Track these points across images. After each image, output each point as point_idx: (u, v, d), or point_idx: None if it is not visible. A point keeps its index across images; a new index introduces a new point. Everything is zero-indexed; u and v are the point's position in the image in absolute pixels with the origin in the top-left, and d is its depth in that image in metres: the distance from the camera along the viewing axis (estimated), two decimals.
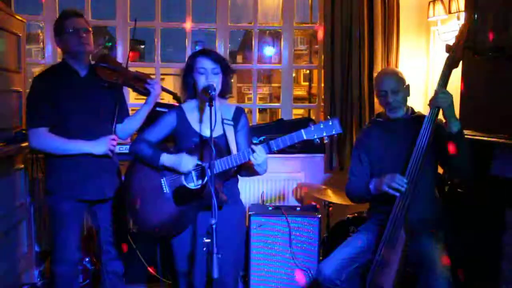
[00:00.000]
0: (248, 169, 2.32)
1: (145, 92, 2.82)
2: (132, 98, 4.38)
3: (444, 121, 2.40)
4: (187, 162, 2.29)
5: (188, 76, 2.41)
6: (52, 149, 2.57)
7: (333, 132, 2.13)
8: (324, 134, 2.13)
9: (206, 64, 2.34)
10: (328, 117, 2.13)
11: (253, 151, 2.16)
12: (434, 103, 2.38)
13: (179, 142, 2.45)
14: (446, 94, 2.36)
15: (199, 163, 2.31)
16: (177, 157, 2.31)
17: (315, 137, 2.13)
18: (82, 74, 2.66)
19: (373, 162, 2.69)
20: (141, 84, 2.81)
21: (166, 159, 2.32)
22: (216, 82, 2.34)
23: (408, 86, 2.65)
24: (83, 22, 2.63)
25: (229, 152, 2.31)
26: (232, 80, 2.54)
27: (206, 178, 2.27)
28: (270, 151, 2.19)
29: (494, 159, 2.48)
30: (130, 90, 3.00)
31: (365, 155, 2.72)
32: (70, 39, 2.59)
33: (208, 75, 2.33)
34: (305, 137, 2.14)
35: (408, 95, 2.66)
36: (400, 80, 2.62)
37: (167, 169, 2.34)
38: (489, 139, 2.54)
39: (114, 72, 2.72)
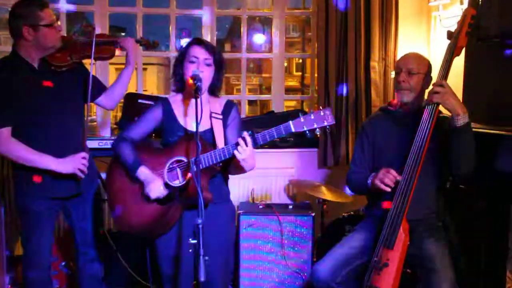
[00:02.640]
0: (235, 166, 2.30)
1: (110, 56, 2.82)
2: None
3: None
4: (154, 188, 2.30)
5: (178, 66, 2.41)
6: (14, 156, 2.48)
7: (325, 124, 2.09)
8: (315, 125, 2.10)
9: (198, 52, 2.34)
10: (320, 107, 2.10)
11: (237, 145, 2.15)
12: (430, 98, 2.38)
13: (164, 136, 2.45)
14: (442, 88, 2.35)
15: (182, 159, 2.30)
16: (150, 177, 2.32)
17: (305, 129, 2.10)
18: (35, 66, 2.59)
19: (375, 152, 2.70)
20: (109, 50, 2.79)
21: (142, 174, 2.34)
22: (207, 75, 2.34)
23: (430, 78, 2.62)
24: (52, 12, 2.59)
25: (215, 147, 2.31)
26: None
27: (189, 175, 2.26)
28: (255, 145, 2.16)
29: (499, 153, 2.49)
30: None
31: (368, 144, 2.73)
32: (48, 34, 2.53)
33: (199, 65, 2.32)
34: (293, 130, 2.10)
35: (426, 87, 2.62)
36: (420, 63, 2.59)
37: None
38: (494, 131, 2.54)
39: (66, 52, 2.65)
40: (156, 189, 2.29)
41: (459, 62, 2.72)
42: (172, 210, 2.33)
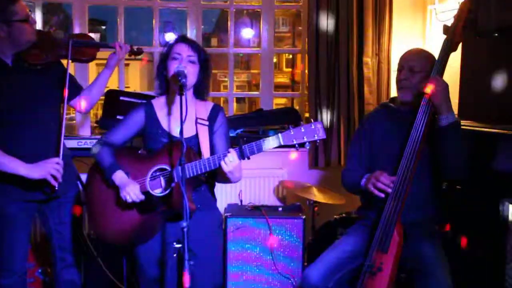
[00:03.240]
0: (221, 176, 2.28)
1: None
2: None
3: None
4: (129, 191, 2.27)
5: (161, 66, 2.40)
6: None
7: (315, 138, 2.11)
8: (305, 139, 2.11)
9: (182, 49, 2.34)
10: (311, 120, 2.13)
11: (225, 156, 2.14)
12: (425, 91, 2.40)
13: (147, 142, 2.44)
14: (438, 81, 2.36)
15: (165, 167, 2.29)
16: (126, 181, 2.29)
17: (295, 142, 2.11)
18: (8, 63, 2.56)
19: (372, 150, 2.70)
20: (89, 53, 2.79)
21: (117, 178, 2.32)
22: (191, 72, 2.33)
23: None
24: (26, 6, 2.56)
25: (200, 155, 2.31)
26: None
27: (173, 184, 2.24)
28: (243, 157, 2.16)
29: (497, 153, 2.51)
30: None
31: (365, 140, 2.73)
32: (22, 29, 2.50)
33: (182, 61, 2.32)
34: (282, 143, 2.11)
35: None
36: (424, 61, 2.57)
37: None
38: (492, 130, 2.56)
39: (42, 49, 2.63)
40: (131, 192, 2.26)
41: (455, 58, 2.74)
42: (153, 221, 2.33)
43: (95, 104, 2.91)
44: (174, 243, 2.27)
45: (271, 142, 2.12)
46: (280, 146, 2.14)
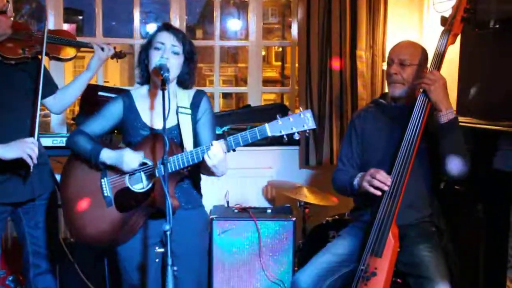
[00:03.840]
0: (206, 169, 2.26)
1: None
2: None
3: None
4: (130, 159, 2.23)
5: (142, 54, 2.37)
6: None
7: (304, 128, 2.08)
8: (293, 129, 2.08)
9: (165, 38, 2.30)
10: (300, 109, 2.11)
11: (208, 149, 2.12)
12: (421, 86, 2.39)
13: (126, 135, 2.42)
14: (434, 76, 2.36)
15: (146, 161, 2.27)
16: (118, 153, 2.26)
17: (282, 133, 2.08)
18: None
19: (364, 149, 2.70)
20: (68, 52, 2.79)
21: (106, 156, 2.27)
22: (175, 64, 2.29)
23: (426, 68, 2.59)
24: None
25: (182, 147, 2.29)
26: None
27: (154, 180, 2.23)
28: (228, 150, 2.14)
29: (497, 151, 2.51)
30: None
31: (357, 139, 2.73)
32: (1, 21, 2.49)
33: (165, 52, 2.28)
34: (269, 133, 2.09)
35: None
36: (415, 54, 2.58)
37: (109, 168, 2.30)
38: (492, 127, 2.57)
39: (18, 43, 2.61)
40: (134, 159, 2.23)
41: (454, 51, 2.74)
42: (134, 218, 2.29)
43: (68, 106, 2.91)
44: (156, 248, 2.25)
45: (257, 132, 2.10)
46: (268, 138, 2.11)
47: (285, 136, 2.09)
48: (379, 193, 2.41)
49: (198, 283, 2.46)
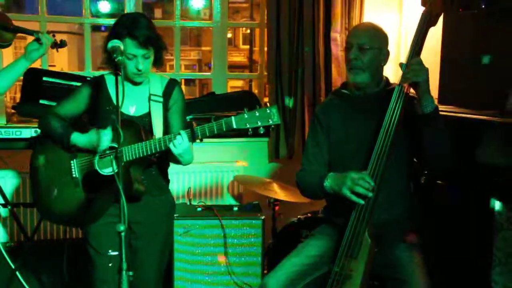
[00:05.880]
0: (173, 157, 2.45)
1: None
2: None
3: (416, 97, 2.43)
4: (104, 136, 2.40)
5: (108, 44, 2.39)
6: None
7: (270, 123, 2.25)
8: (259, 123, 2.25)
9: (136, 51, 2.43)
10: (267, 104, 2.22)
11: (174, 139, 2.32)
12: (407, 78, 2.39)
13: (96, 119, 2.58)
14: (422, 66, 2.38)
15: (115, 145, 2.36)
16: (90, 135, 2.46)
17: (248, 126, 2.26)
18: None
19: (332, 145, 2.71)
20: (5, 38, 2.82)
21: (77, 138, 2.49)
22: (148, 66, 2.50)
23: (386, 51, 2.64)
24: None
25: (152, 134, 2.50)
26: None
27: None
28: (194, 139, 2.33)
29: (481, 142, 2.55)
30: None
31: (323, 135, 2.73)
32: None
33: (139, 63, 2.45)
34: (235, 126, 2.27)
35: (383, 62, 2.65)
36: (374, 37, 2.60)
37: (80, 150, 2.51)
38: (476, 116, 2.60)
39: None
40: (107, 135, 2.41)
41: (435, 36, 2.77)
42: (101, 201, 2.51)
43: (1, 94, 2.89)
44: (110, 251, 2.34)
45: (223, 124, 2.28)
46: (233, 130, 2.28)
47: (250, 130, 2.27)
48: (362, 201, 2.39)
49: (159, 263, 2.68)
